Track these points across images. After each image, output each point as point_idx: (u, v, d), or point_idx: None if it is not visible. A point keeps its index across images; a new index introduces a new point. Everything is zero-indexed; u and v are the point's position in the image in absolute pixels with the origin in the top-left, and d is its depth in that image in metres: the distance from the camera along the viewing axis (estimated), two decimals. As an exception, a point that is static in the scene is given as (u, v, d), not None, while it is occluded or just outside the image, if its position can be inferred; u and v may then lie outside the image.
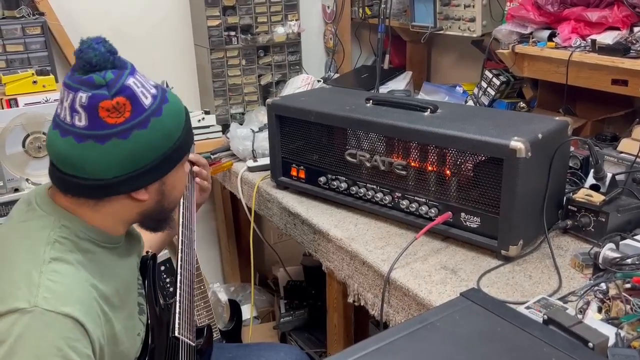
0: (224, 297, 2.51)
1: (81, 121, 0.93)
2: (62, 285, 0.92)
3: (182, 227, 1.27)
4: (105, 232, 1.04)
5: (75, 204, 1.01)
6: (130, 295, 1.12)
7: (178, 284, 1.19)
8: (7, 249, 0.97)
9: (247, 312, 2.37)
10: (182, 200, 1.30)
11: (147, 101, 0.97)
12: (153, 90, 1.00)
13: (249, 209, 1.92)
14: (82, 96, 0.92)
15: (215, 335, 1.98)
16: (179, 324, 1.14)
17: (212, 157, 2.08)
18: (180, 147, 1.04)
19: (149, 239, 1.34)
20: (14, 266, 0.94)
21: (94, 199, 1.00)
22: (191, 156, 1.39)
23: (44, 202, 1.02)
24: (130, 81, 0.96)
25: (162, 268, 1.97)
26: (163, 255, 1.92)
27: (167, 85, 1.91)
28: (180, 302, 1.17)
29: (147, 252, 1.28)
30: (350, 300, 1.46)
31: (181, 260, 1.22)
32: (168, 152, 1.02)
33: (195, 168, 1.40)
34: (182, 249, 1.24)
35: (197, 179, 1.41)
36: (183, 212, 1.30)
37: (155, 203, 1.06)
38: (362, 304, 1.41)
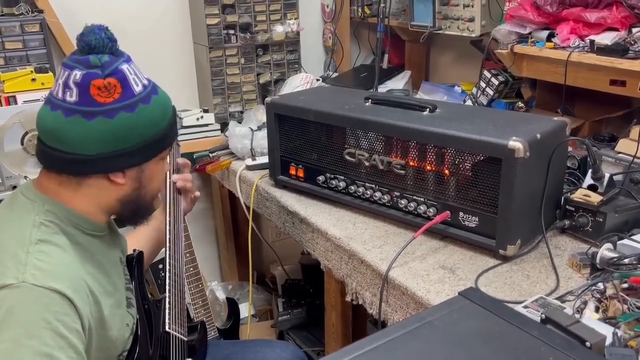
0: (221, 295, 2.51)
1: (72, 97, 0.98)
2: (49, 265, 0.95)
3: (169, 225, 1.29)
4: (88, 219, 1.07)
5: (59, 186, 1.03)
6: (116, 285, 1.13)
7: (167, 280, 1.20)
8: None
9: (245, 310, 2.38)
10: (168, 195, 1.31)
11: (137, 88, 1.02)
12: (145, 81, 1.05)
13: (248, 208, 1.92)
14: (77, 74, 0.97)
15: (213, 333, 1.98)
16: (169, 319, 1.15)
17: (210, 155, 2.08)
18: (163, 138, 1.08)
19: (137, 242, 1.36)
20: (1, 248, 0.96)
21: (75, 177, 1.03)
22: (179, 160, 1.40)
23: (28, 191, 1.05)
24: (124, 67, 1.01)
25: (160, 266, 1.97)
26: (160, 254, 1.92)
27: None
28: (169, 298, 1.18)
29: (133, 250, 1.29)
30: (348, 299, 1.46)
31: (169, 257, 1.24)
32: (150, 140, 1.05)
33: (176, 177, 1.37)
34: (169, 246, 1.26)
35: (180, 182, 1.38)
36: (169, 210, 1.31)
37: (133, 190, 1.09)
38: (360, 303, 1.41)
